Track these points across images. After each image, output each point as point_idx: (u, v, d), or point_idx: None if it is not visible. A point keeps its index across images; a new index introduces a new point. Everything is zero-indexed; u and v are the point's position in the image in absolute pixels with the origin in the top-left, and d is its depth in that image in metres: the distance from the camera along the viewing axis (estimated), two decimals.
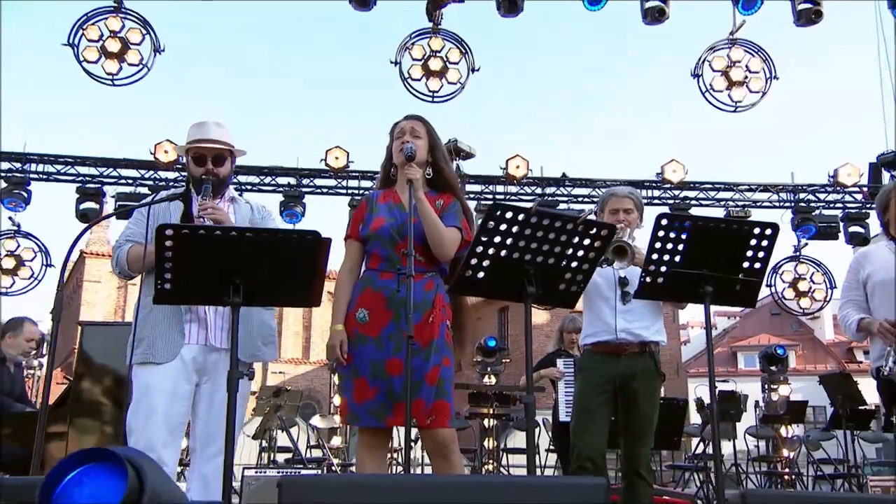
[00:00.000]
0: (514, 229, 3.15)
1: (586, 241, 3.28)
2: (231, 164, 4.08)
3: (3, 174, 11.70)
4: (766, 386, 12.52)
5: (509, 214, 3.13)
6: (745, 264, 3.75)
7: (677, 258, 3.71)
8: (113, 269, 3.92)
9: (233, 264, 3.10)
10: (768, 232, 3.72)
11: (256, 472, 7.99)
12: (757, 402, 11.91)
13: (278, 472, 7.85)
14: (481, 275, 3.22)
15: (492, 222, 3.11)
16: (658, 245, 3.69)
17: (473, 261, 3.18)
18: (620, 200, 4.62)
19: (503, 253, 3.18)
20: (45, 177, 11.92)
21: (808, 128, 75.46)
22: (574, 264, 3.32)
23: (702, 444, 10.57)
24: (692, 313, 43.82)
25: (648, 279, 3.76)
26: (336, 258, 3.68)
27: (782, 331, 37.91)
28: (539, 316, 29.31)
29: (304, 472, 8.79)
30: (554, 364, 7.11)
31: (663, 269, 3.74)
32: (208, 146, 3.94)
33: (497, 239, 3.15)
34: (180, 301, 3.35)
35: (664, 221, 3.71)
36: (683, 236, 3.70)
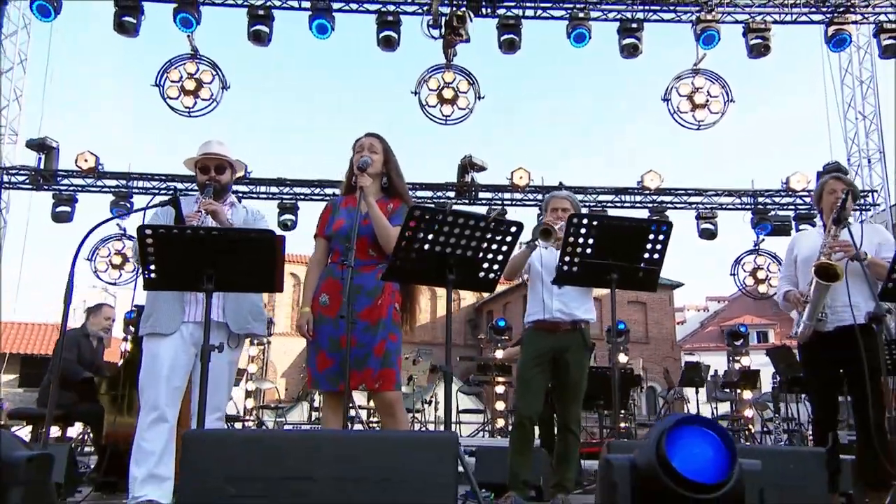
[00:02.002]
0: (435, 227, 3.09)
1: (498, 236, 3.19)
2: (231, 174, 4.10)
3: (111, 189, 11.96)
4: (730, 358, 12.25)
5: (428, 216, 3.07)
6: (646, 255, 3.65)
7: (588, 251, 3.64)
8: (131, 259, 3.97)
9: (205, 258, 3.08)
10: (663, 228, 3.62)
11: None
12: (716, 371, 11.65)
13: (310, 427, 7.86)
14: (410, 265, 3.16)
15: (413, 221, 3.06)
16: (571, 240, 3.63)
17: (401, 253, 3.13)
18: (560, 201, 4.56)
19: (426, 247, 3.12)
20: (143, 191, 12.14)
21: (765, 142, 73.98)
22: (490, 255, 3.23)
23: (667, 405, 10.39)
24: (688, 298, 43.13)
25: (565, 268, 3.68)
26: None
27: (764, 312, 36.91)
28: None
29: None
30: None
31: (576, 259, 3.67)
32: (211, 158, 3.99)
33: (420, 235, 3.08)
34: (164, 287, 3.34)
35: (575, 220, 3.64)
36: (593, 233, 3.62)
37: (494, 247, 3.22)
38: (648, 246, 3.62)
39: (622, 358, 12.18)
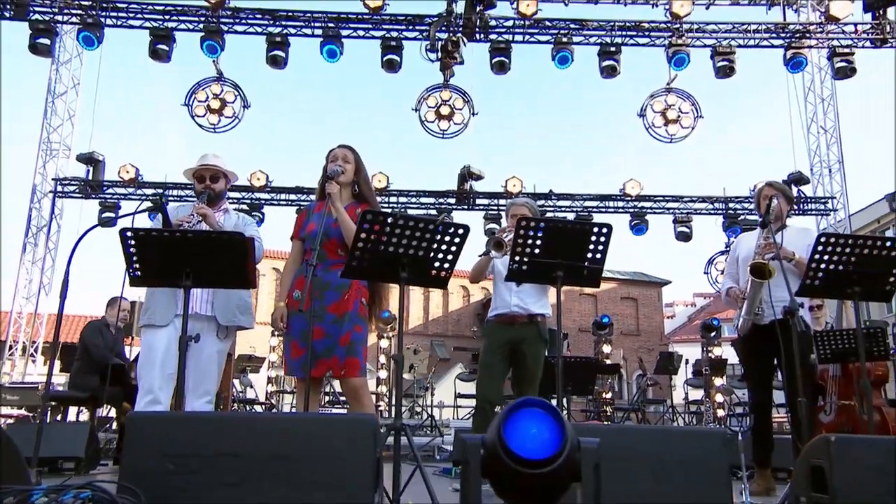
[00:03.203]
0: (387, 229, 3.04)
1: (447, 238, 3.13)
2: (225, 183, 4.08)
3: (147, 198, 12.05)
4: (704, 348, 12.09)
5: (380, 218, 3.03)
6: (589, 255, 3.58)
7: (536, 250, 3.57)
8: None
9: (183, 257, 3.06)
10: (604, 230, 3.54)
11: None
12: (687, 360, 11.50)
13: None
14: (365, 264, 3.12)
15: (366, 224, 3.01)
16: (520, 241, 3.56)
17: (357, 253, 3.08)
18: (519, 208, 4.49)
19: (381, 248, 3.07)
20: (177, 199, 12.20)
21: (736, 153, 72.97)
22: (440, 255, 3.17)
23: (640, 390, 10.26)
24: (677, 295, 42.77)
25: (515, 266, 3.62)
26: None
27: None
28: (552, 297, 28.84)
29: (335, 410, 8.81)
30: None
31: (525, 258, 3.60)
32: (207, 169, 3.98)
33: (373, 236, 3.04)
34: (148, 284, 3.30)
35: (524, 223, 3.57)
36: (540, 234, 3.55)
37: (444, 247, 3.15)
38: (591, 246, 3.54)
39: (606, 349, 12.08)
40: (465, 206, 12.21)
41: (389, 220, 3.04)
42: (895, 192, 17.11)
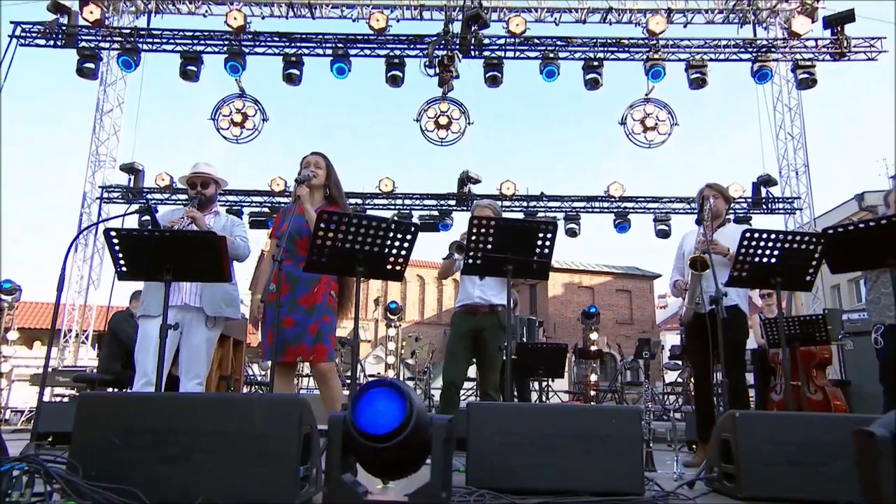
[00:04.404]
0: (343, 228, 3.03)
1: (399, 235, 3.11)
2: (215, 188, 4.07)
3: (182, 203, 12.12)
4: (681, 335, 11.92)
5: (335, 218, 3.02)
6: (538, 250, 3.53)
7: (489, 246, 3.53)
8: None
9: (164, 254, 3.06)
10: (550, 229, 3.50)
11: None
12: (664, 346, 11.34)
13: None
14: (324, 259, 3.11)
15: (322, 223, 3.00)
16: (473, 238, 3.52)
17: (316, 249, 3.07)
18: (483, 210, 4.45)
19: (338, 244, 3.06)
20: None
21: (710, 157, 71.38)
22: (394, 251, 3.15)
23: (618, 374, 10.13)
24: (667, 287, 42.25)
25: (470, 261, 3.59)
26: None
27: None
28: (554, 289, 28.71)
29: None
30: None
31: (479, 254, 3.56)
32: (198, 176, 3.98)
33: (331, 234, 3.03)
34: (134, 278, 3.30)
35: (476, 222, 3.53)
36: (492, 231, 3.51)
37: (398, 243, 3.14)
38: (539, 243, 3.50)
39: (592, 336, 11.96)
40: (465, 208, 12.16)
41: (345, 219, 3.02)
42: (863, 193, 16.82)
